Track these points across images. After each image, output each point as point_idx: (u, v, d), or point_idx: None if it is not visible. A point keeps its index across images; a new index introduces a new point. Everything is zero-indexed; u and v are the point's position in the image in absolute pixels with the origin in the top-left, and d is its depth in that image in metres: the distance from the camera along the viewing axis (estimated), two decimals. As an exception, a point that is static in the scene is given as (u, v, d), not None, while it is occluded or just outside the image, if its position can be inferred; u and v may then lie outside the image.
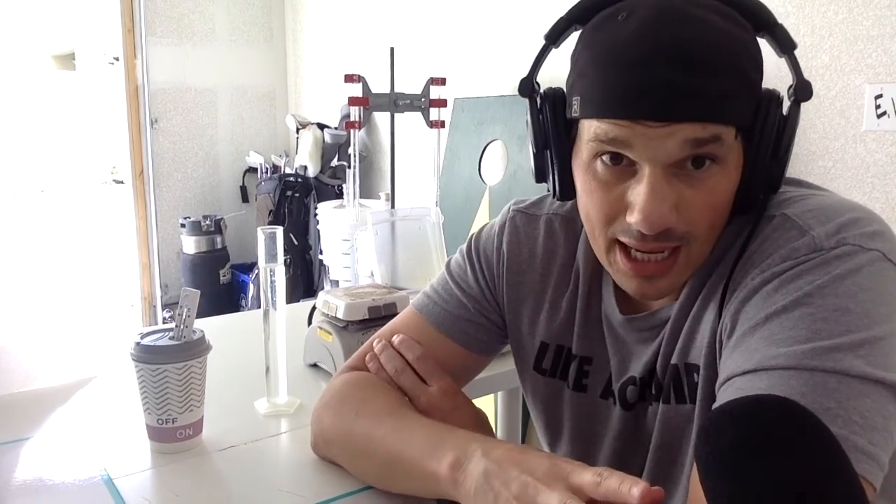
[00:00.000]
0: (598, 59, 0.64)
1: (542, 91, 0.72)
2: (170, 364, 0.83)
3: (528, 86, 0.73)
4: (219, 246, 3.59)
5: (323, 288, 3.01)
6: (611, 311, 0.78)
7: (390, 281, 1.52)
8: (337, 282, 2.80)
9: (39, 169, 5.05)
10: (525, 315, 0.85)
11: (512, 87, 2.61)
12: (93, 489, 0.78)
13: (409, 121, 2.39)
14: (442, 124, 2.27)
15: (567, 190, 0.72)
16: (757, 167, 0.65)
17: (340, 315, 1.10)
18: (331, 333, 1.11)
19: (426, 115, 2.24)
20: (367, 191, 3.24)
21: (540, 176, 0.75)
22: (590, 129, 0.65)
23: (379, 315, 1.11)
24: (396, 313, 1.10)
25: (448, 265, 0.90)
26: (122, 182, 3.80)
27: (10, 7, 4.80)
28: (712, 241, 0.68)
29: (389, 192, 2.42)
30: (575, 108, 0.67)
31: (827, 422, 0.47)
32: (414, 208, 1.60)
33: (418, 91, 2.21)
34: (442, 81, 2.22)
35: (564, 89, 0.70)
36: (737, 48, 0.62)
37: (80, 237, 4.31)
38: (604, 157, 0.65)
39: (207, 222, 3.54)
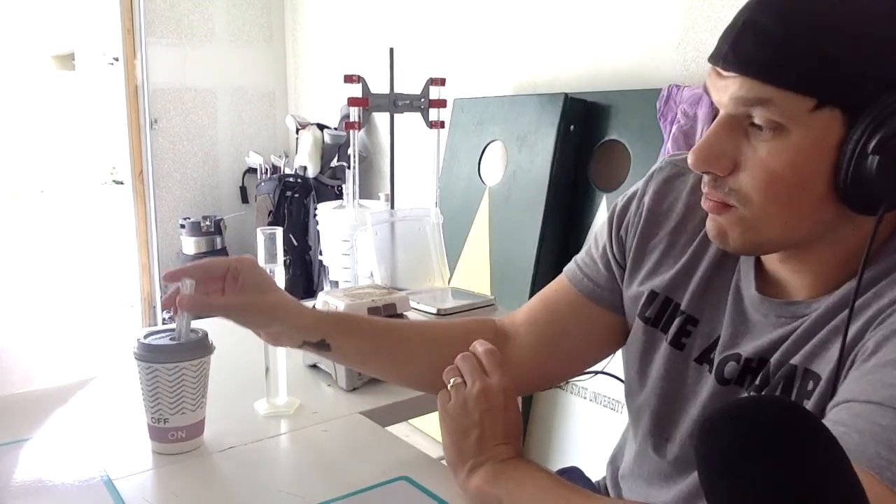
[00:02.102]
0: None
1: None
2: (160, 364, 0.82)
3: None
4: (218, 246, 3.59)
5: (322, 288, 3.01)
6: (746, 284, 0.76)
7: (390, 281, 1.52)
8: (336, 282, 2.80)
9: (39, 169, 5.05)
10: (647, 264, 0.84)
11: (512, 87, 2.61)
12: (93, 490, 0.78)
13: (409, 121, 2.39)
14: (441, 125, 2.27)
15: None
16: (853, 156, 0.59)
17: (340, 316, 1.10)
18: (330, 334, 1.11)
19: (426, 116, 2.24)
20: (366, 191, 3.24)
21: None
22: None
23: (378, 315, 1.11)
24: (396, 314, 1.10)
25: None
26: (121, 182, 3.80)
27: (10, 7, 4.80)
28: (778, 220, 0.65)
29: (389, 192, 2.42)
30: None
31: None
32: (413, 209, 1.60)
33: (418, 91, 2.21)
34: (441, 82, 2.22)
35: None
36: (831, 14, 0.58)
37: (79, 238, 4.31)
38: None
39: (207, 223, 3.54)
